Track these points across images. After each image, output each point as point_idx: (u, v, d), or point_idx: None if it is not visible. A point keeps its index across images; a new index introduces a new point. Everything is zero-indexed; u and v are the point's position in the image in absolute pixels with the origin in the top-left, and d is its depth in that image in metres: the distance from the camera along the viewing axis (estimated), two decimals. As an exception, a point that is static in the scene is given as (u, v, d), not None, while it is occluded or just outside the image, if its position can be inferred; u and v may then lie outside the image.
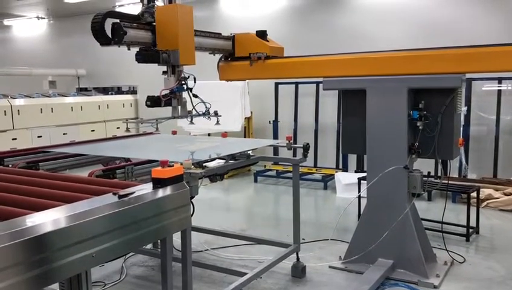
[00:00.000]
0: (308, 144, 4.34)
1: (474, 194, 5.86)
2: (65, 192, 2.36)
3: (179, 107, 3.99)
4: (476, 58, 4.00)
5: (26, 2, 11.20)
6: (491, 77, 7.36)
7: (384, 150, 4.37)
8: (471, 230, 5.49)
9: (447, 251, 4.74)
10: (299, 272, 4.45)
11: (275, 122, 9.38)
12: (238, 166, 4.04)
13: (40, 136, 9.57)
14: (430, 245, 4.67)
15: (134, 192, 2.24)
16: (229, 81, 5.17)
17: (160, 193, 2.32)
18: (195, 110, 4.10)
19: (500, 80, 7.50)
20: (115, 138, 4.95)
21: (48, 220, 1.87)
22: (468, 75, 4.83)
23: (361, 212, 4.85)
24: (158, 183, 2.35)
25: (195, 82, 4.01)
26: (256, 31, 4.81)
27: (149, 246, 4.92)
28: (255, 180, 8.89)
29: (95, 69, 12.85)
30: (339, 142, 8.15)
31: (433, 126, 4.22)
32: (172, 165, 2.41)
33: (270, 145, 5.76)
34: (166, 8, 3.87)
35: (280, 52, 4.87)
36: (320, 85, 8.11)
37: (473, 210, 5.63)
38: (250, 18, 9.80)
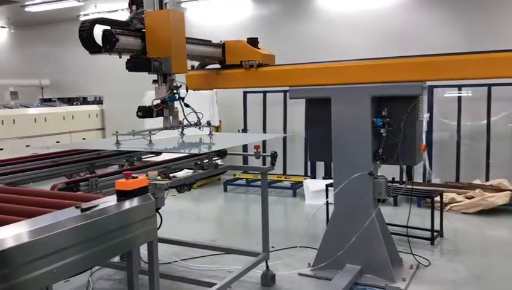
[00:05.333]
0: (275, 152, 4.37)
1: (438, 198, 6.02)
2: (26, 206, 2.29)
3: (171, 117, 3.90)
4: (436, 66, 4.14)
5: (-14, 11, 10.92)
6: (451, 84, 7.62)
7: (350, 157, 4.44)
8: (435, 233, 5.63)
9: (413, 254, 4.84)
10: (268, 280, 4.45)
11: (244, 131, 9.40)
12: (206, 176, 4.01)
13: (1, 149, 9.28)
14: (396, 250, 4.77)
15: (97, 205, 2.20)
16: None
17: (125, 205, 2.28)
18: (187, 120, 4.02)
19: (460, 87, 7.76)
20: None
21: (8, 235, 1.81)
22: (429, 83, 5.00)
23: (329, 219, 4.90)
24: (122, 195, 2.32)
25: (187, 91, 3.93)
26: (248, 38, 4.75)
27: (116, 259, 4.83)
28: (225, 190, 8.86)
29: (60, 79, 12.58)
30: (307, 150, 8.24)
31: (396, 133, 4.32)
32: (137, 177, 2.38)
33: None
34: (158, 14, 3.75)
35: (272, 60, 4.84)
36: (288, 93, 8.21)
37: (437, 214, 5.79)
38: (217, 27, 9.82)
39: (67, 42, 12.00)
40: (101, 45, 3.47)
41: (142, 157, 4.33)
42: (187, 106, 3.96)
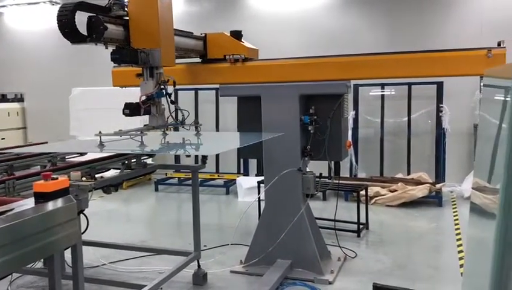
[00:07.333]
0: (206, 150, 4.35)
1: (363, 192, 6.28)
2: None
3: (157, 115, 3.68)
4: (360, 65, 4.32)
5: None
6: (375, 82, 7.97)
7: (280, 154, 4.52)
8: (361, 226, 5.87)
9: (340, 247, 5.02)
10: (200, 279, 4.43)
11: (176, 129, 9.24)
12: (134, 176, 3.91)
13: None
14: (324, 243, 4.92)
15: (13, 208, 2.08)
16: (123, 88, 5.01)
17: (43, 208, 2.18)
18: (173, 118, 3.81)
19: (383, 86, 8.15)
20: None
21: None
22: (355, 81, 5.20)
23: (260, 215, 4.96)
24: (41, 197, 2.20)
25: (175, 86, 3.68)
26: (231, 31, 4.60)
27: (39, 264, 4.58)
28: (156, 189, 8.69)
29: (-26, 75, 11.71)
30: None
31: (323, 130, 4.45)
32: (57, 178, 2.28)
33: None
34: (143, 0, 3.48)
35: (256, 55, 4.71)
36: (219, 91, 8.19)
37: (363, 207, 6.04)
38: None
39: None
40: (82, 33, 3.15)
41: (66, 157, 4.15)
42: (173, 102, 3.76)
